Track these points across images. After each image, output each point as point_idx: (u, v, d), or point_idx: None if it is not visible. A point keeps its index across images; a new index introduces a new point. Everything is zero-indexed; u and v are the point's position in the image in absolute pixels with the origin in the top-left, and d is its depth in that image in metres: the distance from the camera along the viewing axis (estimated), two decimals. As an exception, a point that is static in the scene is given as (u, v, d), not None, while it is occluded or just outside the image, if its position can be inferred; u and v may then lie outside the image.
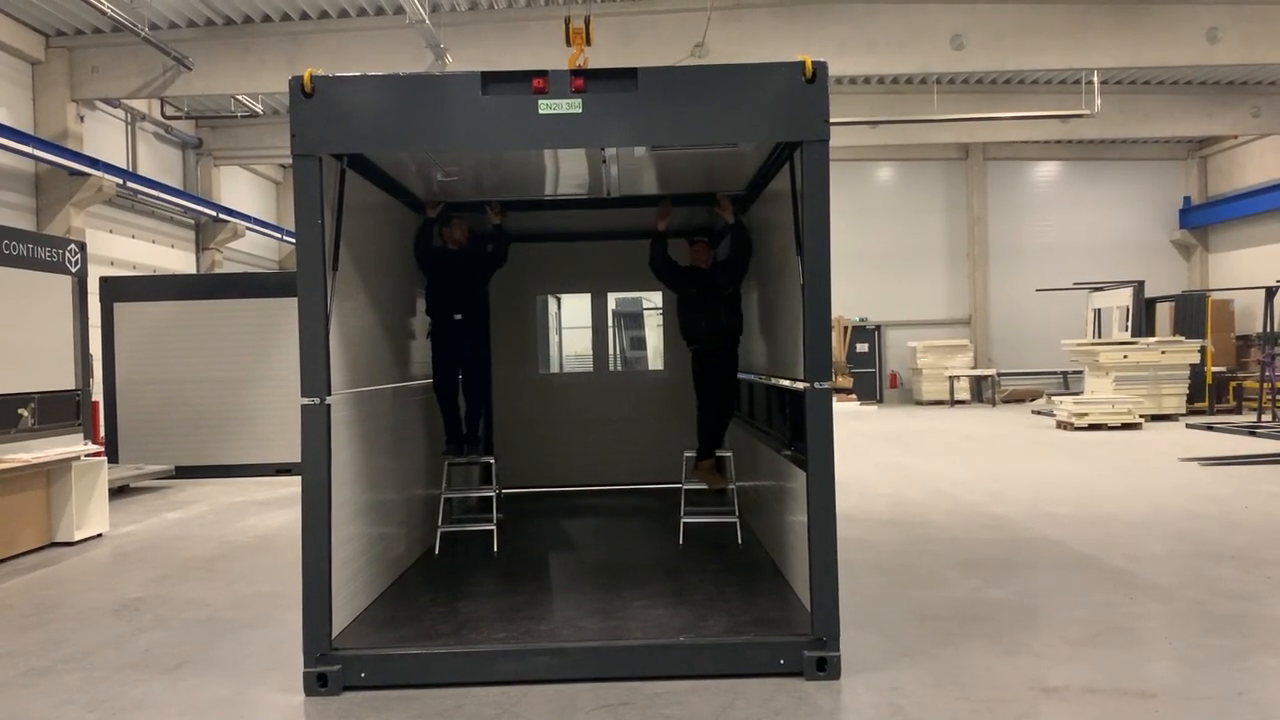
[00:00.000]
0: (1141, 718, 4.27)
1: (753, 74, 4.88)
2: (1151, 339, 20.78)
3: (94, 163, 16.39)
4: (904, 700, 4.51)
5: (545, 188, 7.18)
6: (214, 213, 21.02)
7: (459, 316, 7.61)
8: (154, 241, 19.98)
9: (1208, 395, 21.53)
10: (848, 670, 4.85)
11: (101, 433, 13.59)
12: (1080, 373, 22.73)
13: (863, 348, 28.05)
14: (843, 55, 16.13)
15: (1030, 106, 21.55)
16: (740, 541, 7.32)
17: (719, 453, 8.01)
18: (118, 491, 12.08)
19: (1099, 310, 24.01)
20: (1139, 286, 22.58)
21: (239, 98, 19.82)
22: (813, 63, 4.79)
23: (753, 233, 7.37)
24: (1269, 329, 19.46)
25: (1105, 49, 16.65)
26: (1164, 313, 23.77)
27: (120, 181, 17.15)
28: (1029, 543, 8.02)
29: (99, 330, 13.53)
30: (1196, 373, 20.87)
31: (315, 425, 4.87)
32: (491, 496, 7.72)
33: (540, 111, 4.79)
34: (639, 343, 17.15)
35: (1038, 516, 9.17)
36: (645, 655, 4.88)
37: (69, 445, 9.16)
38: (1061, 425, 18.57)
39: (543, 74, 4.79)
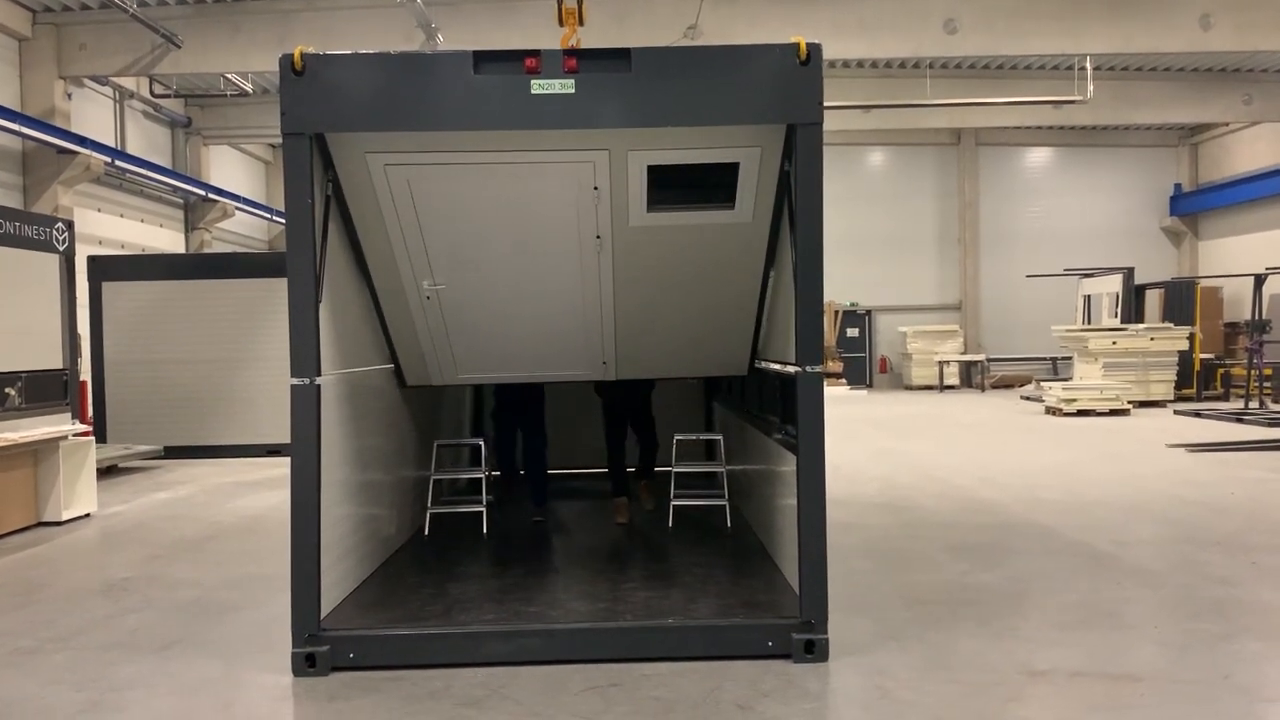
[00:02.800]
0: (1128, 701, 4.30)
1: (746, 55, 4.84)
2: (1141, 325, 20.85)
3: (82, 141, 16.26)
4: (891, 683, 4.53)
5: (543, 369, 6.91)
6: (203, 192, 20.91)
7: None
8: (142, 221, 19.86)
9: (1196, 382, 21.63)
10: (836, 653, 4.86)
11: (90, 412, 13.54)
12: (1069, 359, 22.81)
13: (853, 332, 28.11)
14: (836, 38, 16.08)
15: (1023, 92, 21.53)
16: (730, 524, 7.33)
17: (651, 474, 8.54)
18: (106, 471, 12.04)
19: (1089, 296, 24.08)
20: (1129, 273, 22.64)
21: (229, 76, 19.67)
22: (807, 44, 4.75)
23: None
24: (1257, 316, 19.52)
25: (1098, 34, 16.63)
26: (1153, 299, 23.84)
27: (108, 160, 17.04)
28: (1017, 527, 8.05)
29: (87, 309, 13.45)
30: (1185, 359, 20.96)
31: (305, 406, 4.85)
32: (481, 478, 7.72)
33: (533, 91, 4.75)
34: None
35: (1026, 501, 9.20)
36: (634, 637, 4.89)
37: (57, 424, 9.11)
38: (1050, 411, 18.64)
39: (535, 53, 4.74)
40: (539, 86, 4.75)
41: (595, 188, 5.40)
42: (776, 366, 5.95)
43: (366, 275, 5.96)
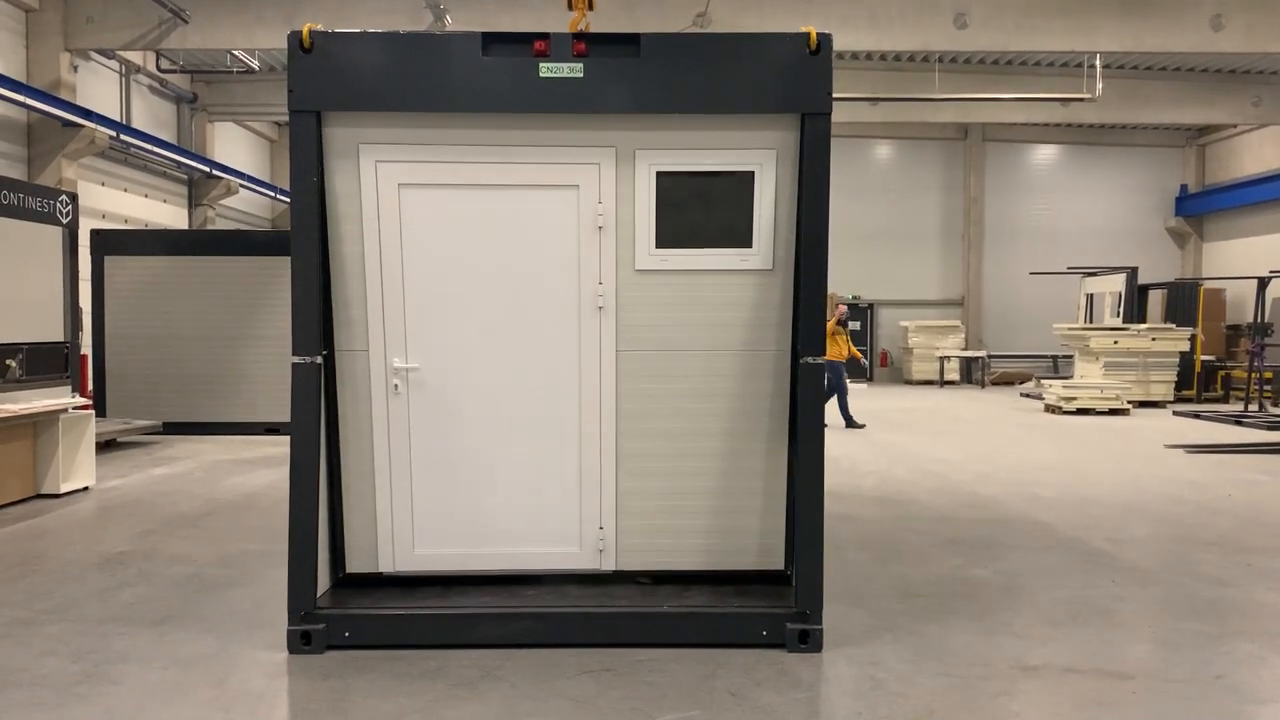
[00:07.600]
0: (1119, 698, 4.31)
1: (756, 43, 4.83)
2: (1142, 326, 20.83)
3: (87, 114, 16.22)
4: (884, 674, 4.55)
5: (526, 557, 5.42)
6: (207, 169, 20.86)
7: None
8: (146, 196, 19.84)
9: (1196, 383, 21.63)
10: (829, 644, 4.88)
11: (90, 386, 13.56)
12: (1070, 357, 22.80)
13: (855, 325, 28.08)
14: (845, 30, 16.04)
15: (1031, 88, 21.48)
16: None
17: None
18: (105, 445, 12.07)
19: (1091, 295, 24.06)
20: (1132, 273, 22.61)
21: (235, 53, 19.63)
22: (817, 34, 4.75)
23: None
24: (1259, 319, 19.51)
25: (1108, 32, 16.58)
26: (1156, 300, 23.81)
27: (113, 134, 17.00)
28: (1013, 523, 8.06)
29: (89, 283, 13.46)
30: (1186, 360, 20.96)
31: (306, 384, 4.85)
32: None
33: (541, 74, 4.74)
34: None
35: (1023, 497, 9.22)
36: (629, 622, 4.90)
37: (57, 397, 9.12)
38: (1050, 409, 18.64)
39: (544, 36, 4.73)
40: (547, 69, 4.74)
41: (600, 201, 5.07)
42: None
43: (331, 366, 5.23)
